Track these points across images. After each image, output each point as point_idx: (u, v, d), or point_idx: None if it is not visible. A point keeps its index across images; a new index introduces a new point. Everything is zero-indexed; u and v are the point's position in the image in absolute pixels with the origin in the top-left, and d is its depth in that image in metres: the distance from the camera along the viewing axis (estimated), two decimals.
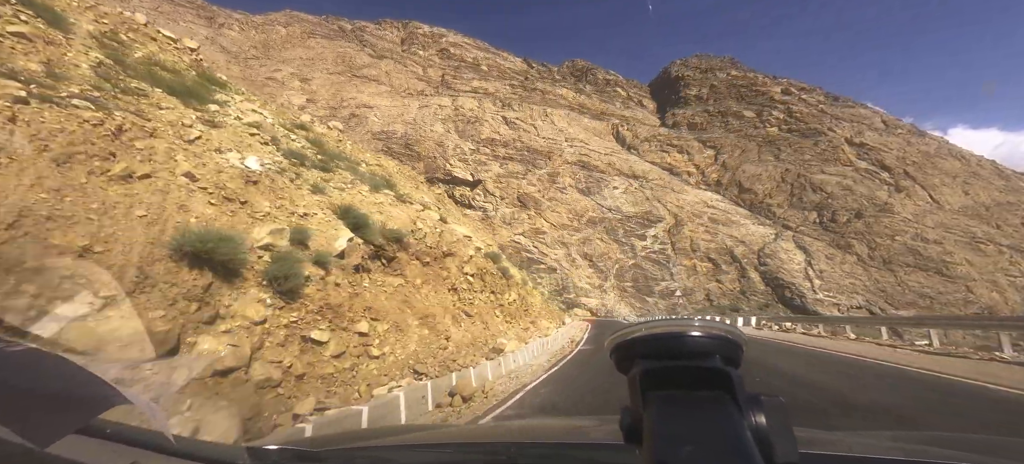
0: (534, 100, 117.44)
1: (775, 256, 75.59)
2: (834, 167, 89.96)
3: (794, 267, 73.65)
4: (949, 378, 8.92)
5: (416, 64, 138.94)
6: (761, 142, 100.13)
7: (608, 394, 8.56)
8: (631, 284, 72.00)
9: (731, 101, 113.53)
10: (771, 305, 70.43)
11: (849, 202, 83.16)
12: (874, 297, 69.70)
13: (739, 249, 77.31)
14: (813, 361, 12.29)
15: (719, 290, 72.94)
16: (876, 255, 75.04)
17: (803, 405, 6.63)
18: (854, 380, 9.16)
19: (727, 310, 69.52)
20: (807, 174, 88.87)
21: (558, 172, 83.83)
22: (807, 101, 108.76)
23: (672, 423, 0.56)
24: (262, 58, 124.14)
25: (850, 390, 7.93)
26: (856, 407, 6.57)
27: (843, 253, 75.85)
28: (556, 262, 70.20)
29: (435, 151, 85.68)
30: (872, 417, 5.95)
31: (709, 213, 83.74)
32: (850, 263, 74.54)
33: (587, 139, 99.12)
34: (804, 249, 76.62)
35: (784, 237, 79.77)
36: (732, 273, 74.84)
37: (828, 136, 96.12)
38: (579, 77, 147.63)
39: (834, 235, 79.11)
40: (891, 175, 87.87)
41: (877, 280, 71.79)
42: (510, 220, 74.34)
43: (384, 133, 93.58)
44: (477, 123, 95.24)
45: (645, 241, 77.29)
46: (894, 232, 76.98)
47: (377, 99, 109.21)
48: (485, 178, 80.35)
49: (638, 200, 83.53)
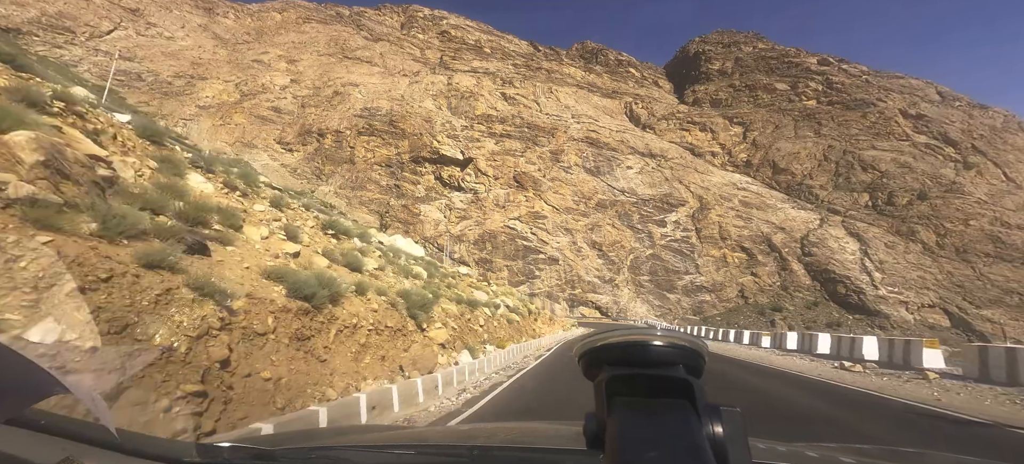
0: (538, 78, 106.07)
1: (822, 244, 63.10)
2: (887, 142, 76.84)
3: (847, 257, 61.09)
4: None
5: (414, 46, 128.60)
6: (798, 116, 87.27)
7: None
8: (649, 278, 60.36)
9: (760, 74, 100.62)
10: (820, 303, 58.07)
11: (908, 181, 70.09)
12: (949, 294, 56.83)
13: (778, 236, 64.98)
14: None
15: (755, 285, 60.79)
16: (947, 243, 62.03)
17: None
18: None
19: (767, 310, 57.36)
20: (855, 150, 75.93)
21: (562, 149, 72.32)
22: (849, 71, 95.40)
23: (635, 429, 0.58)
24: (254, 44, 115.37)
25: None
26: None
27: (906, 241, 63.00)
28: (558, 251, 58.88)
29: (421, 127, 74.90)
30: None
31: (740, 195, 71.47)
32: (915, 253, 61.68)
33: (597, 116, 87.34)
34: (857, 236, 63.98)
35: (831, 223, 67.16)
36: (770, 265, 62.62)
37: (878, 107, 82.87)
38: (589, 59, 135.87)
39: (893, 220, 66.23)
40: (957, 150, 74.42)
41: (950, 273, 58.84)
42: (504, 202, 63.18)
43: (367, 110, 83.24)
44: (472, 98, 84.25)
45: (665, 228, 65.44)
46: (967, 216, 63.82)
47: (366, 79, 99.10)
48: (477, 156, 69.28)
49: (655, 181, 71.60)
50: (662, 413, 0.60)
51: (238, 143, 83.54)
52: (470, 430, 2.62)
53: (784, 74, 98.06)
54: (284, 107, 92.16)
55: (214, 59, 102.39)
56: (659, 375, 0.64)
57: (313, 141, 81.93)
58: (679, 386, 0.63)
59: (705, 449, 0.54)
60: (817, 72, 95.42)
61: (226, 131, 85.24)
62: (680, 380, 0.63)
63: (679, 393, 0.62)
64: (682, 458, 0.53)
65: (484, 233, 59.57)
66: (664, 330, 0.67)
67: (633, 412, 0.61)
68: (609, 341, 0.66)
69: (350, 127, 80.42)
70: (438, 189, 69.09)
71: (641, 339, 0.64)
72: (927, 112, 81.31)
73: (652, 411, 0.61)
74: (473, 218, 62.03)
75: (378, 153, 75.06)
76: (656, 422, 0.59)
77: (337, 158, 77.39)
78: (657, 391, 0.63)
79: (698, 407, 0.61)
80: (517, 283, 56.50)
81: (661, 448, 0.54)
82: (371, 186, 71.44)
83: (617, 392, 0.64)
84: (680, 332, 0.76)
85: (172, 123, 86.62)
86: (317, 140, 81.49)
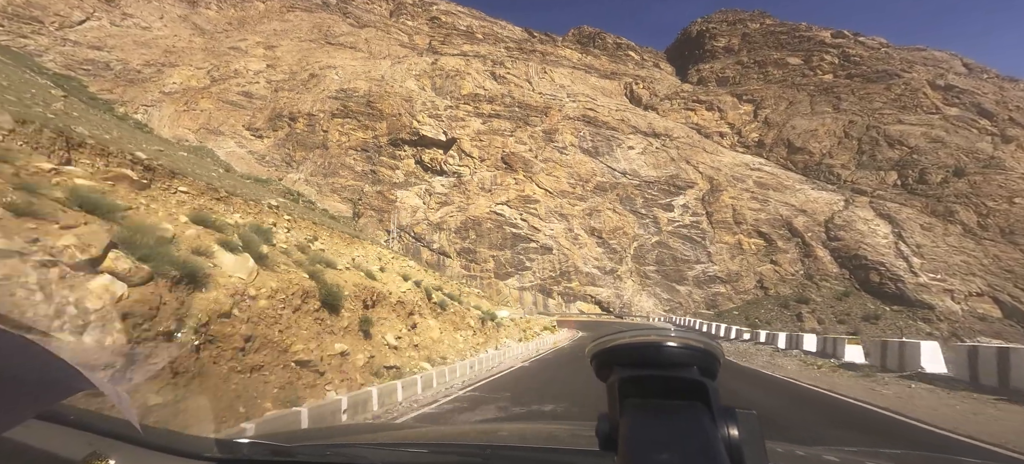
0: (532, 60, 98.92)
1: (850, 227, 56.03)
2: (915, 115, 69.68)
3: (879, 241, 54.04)
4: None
5: (402, 32, 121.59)
6: (813, 91, 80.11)
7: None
8: (655, 268, 53.34)
9: (770, 50, 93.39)
10: (851, 294, 51.05)
11: (941, 157, 62.94)
12: (998, 280, 49.79)
13: (799, 220, 57.89)
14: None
15: (776, 275, 53.74)
16: (990, 224, 54.95)
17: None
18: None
19: (791, 302, 50.37)
20: (880, 125, 68.80)
21: (557, 128, 65.20)
22: (866, 43, 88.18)
23: (648, 431, 0.56)
24: (233, 32, 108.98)
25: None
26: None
27: (944, 222, 55.90)
28: (552, 239, 51.82)
29: (400, 107, 67.77)
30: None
31: (754, 176, 64.40)
32: (956, 235, 54.61)
33: (594, 96, 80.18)
34: (888, 218, 56.89)
35: (857, 204, 60.07)
36: (792, 251, 55.55)
37: (903, 78, 75.67)
38: (586, 43, 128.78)
39: (927, 199, 59.12)
40: (993, 123, 67.29)
41: (998, 257, 51.77)
42: (490, 186, 56.06)
43: (342, 92, 76.10)
44: (458, 77, 77.14)
45: (672, 212, 58.33)
46: (1011, 193, 56.73)
47: (347, 62, 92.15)
48: (460, 136, 62.16)
49: (660, 161, 64.50)
50: (674, 414, 0.59)
51: (202, 130, 76.60)
52: (485, 429, 2.68)
53: (796, 49, 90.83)
54: (256, 92, 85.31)
55: (189, 47, 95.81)
56: (672, 377, 0.62)
57: (284, 126, 74.89)
58: (693, 388, 0.61)
59: (718, 451, 0.53)
60: (832, 45, 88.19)
61: (190, 117, 78.29)
62: (694, 382, 0.61)
63: (693, 395, 0.61)
64: (693, 460, 0.52)
65: (467, 220, 52.48)
66: (678, 329, 0.65)
67: (644, 413, 0.59)
68: (621, 342, 0.65)
69: (324, 110, 73.31)
70: (419, 174, 62.03)
71: (653, 340, 0.63)
72: (957, 84, 74.14)
73: (663, 412, 0.59)
74: (455, 203, 54.96)
75: (353, 137, 68.01)
76: (667, 424, 0.57)
77: (309, 143, 70.35)
78: (671, 393, 0.62)
79: (713, 409, 0.59)
80: (505, 275, 49.53)
81: (671, 450, 0.53)
82: (344, 172, 64.43)
83: (630, 393, 0.63)
84: (696, 332, 0.85)
85: (132, 110, 79.89)
86: (288, 125, 74.44)
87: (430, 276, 26.50)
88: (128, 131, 26.99)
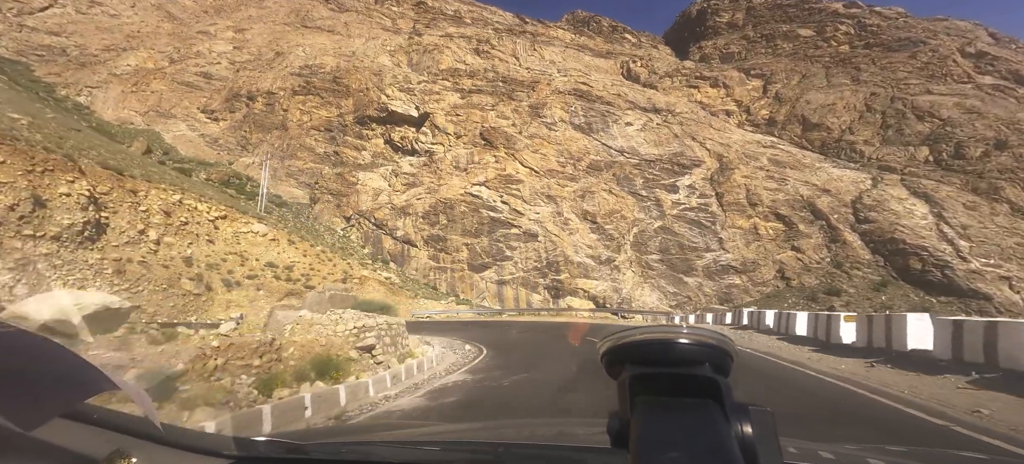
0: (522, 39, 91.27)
1: (882, 207, 48.62)
2: (945, 85, 62.34)
3: (917, 223, 46.64)
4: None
5: (385, 17, 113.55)
6: (829, 63, 72.75)
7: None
8: (659, 257, 45.89)
9: (778, 23, 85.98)
10: (889, 283, 43.61)
11: (979, 129, 55.60)
12: None
13: (823, 200, 50.47)
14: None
15: (799, 263, 46.29)
16: None
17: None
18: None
19: (819, 294, 42.89)
20: (906, 97, 61.42)
21: (545, 102, 57.55)
22: (883, 13, 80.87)
23: (659, 428, 0.56)
24: (204, 18, 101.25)
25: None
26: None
27: (989, 201, 48.58)
28: (537, 223, 44.21)
29: (369, 81, 60.06)
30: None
31: (768, 152, 56.98)
32: (1003, 214, 47.30)
33: (587, 71, 72.61)
34: (925, 197, 49.52)
35: (887, 182, 52.70)
36: (816, 236, 48.11)
37: (929, 45, 68.35)
38: (580, 27, 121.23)
39: (967, 175, 51.79)
40: None
41: None
42: (466, 164, 48.38)
43: (306, 67, 68.34)
44: (436, 52, 69.50)
45: (676, 194, 50.82)
46: None
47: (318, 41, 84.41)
48: (434, 111, 54.49)
49: (662, 138, 56.97)
50: (685, 412, 0.58)
51: (151, 112, 68.65)
52: (496, 427, 2.65)
53: (806, 20, 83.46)
54: (216, 73, 77.52)
55: (156, 32, 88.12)
56: (685, 374, 0.61)
57: (242, 106, 67.12)
58: (706, 385, 0.60)
59: (731, 449, 0.52)
60: (846, 16, 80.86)
61: (138, 99, 70.33)
62: (706, 379, 0.60)
63: (706, 393, 0.60)
64: (704, 458, 0.51)
65: (437, 203, 44.82)
66: (691, 329, 0.64)
67: (655, 411, 0.59)
68: (632, 339, 0.64)
69: (284, 87, 65.58)
70: (388, 155, 54.35)
71: (665, 337, 0.62)
72: (989, 51, 66.88)
73: (674, 410, 0.58)
74: (424, 184, 47.29)
75: (315, 115, 60.33)
76: (678, 422, 0.56)
77: (267, 124, 62.62)
78: (683, 390, 0.61)
79: (726, 407, 0.58)
80: (481, 267, 41.88)
81: (682, 448, 0.52)
82: (304, 154, 56.80)
83: (641, 391, 0.62)
84: (708, 329, 0.69)
85: (74, 92, 71.94)
86: (246, 105, 66.69)
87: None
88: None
